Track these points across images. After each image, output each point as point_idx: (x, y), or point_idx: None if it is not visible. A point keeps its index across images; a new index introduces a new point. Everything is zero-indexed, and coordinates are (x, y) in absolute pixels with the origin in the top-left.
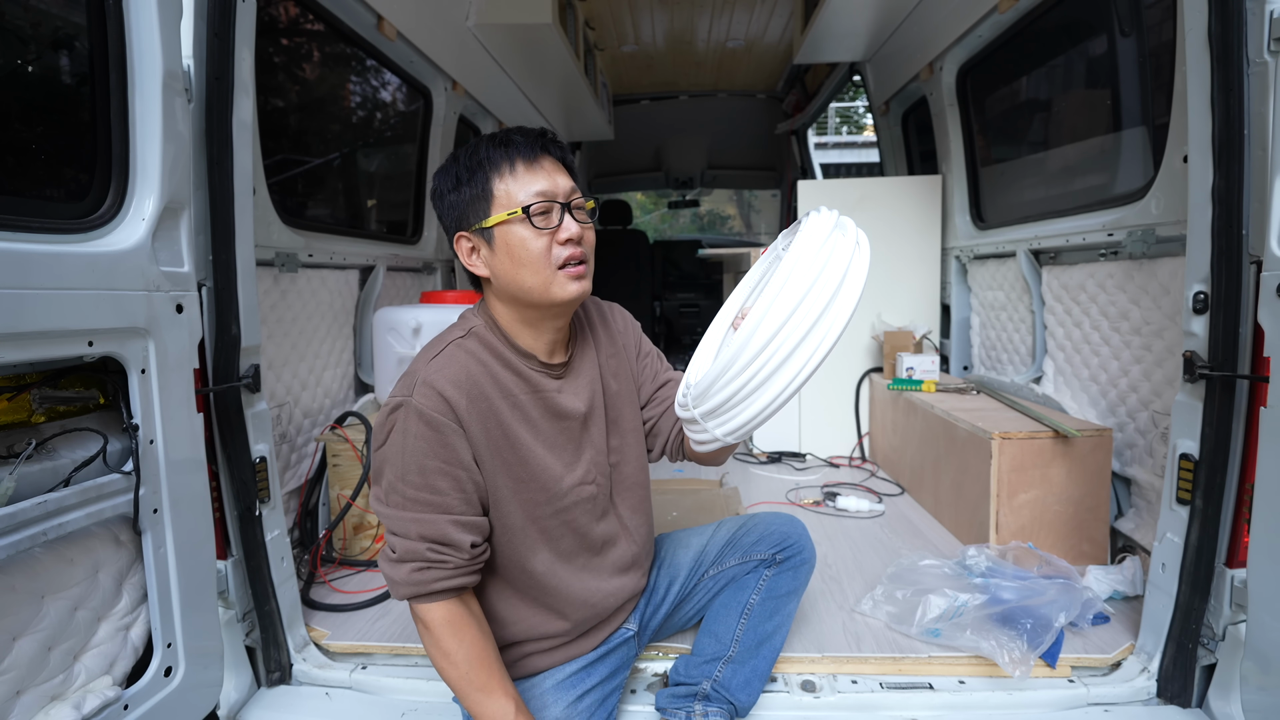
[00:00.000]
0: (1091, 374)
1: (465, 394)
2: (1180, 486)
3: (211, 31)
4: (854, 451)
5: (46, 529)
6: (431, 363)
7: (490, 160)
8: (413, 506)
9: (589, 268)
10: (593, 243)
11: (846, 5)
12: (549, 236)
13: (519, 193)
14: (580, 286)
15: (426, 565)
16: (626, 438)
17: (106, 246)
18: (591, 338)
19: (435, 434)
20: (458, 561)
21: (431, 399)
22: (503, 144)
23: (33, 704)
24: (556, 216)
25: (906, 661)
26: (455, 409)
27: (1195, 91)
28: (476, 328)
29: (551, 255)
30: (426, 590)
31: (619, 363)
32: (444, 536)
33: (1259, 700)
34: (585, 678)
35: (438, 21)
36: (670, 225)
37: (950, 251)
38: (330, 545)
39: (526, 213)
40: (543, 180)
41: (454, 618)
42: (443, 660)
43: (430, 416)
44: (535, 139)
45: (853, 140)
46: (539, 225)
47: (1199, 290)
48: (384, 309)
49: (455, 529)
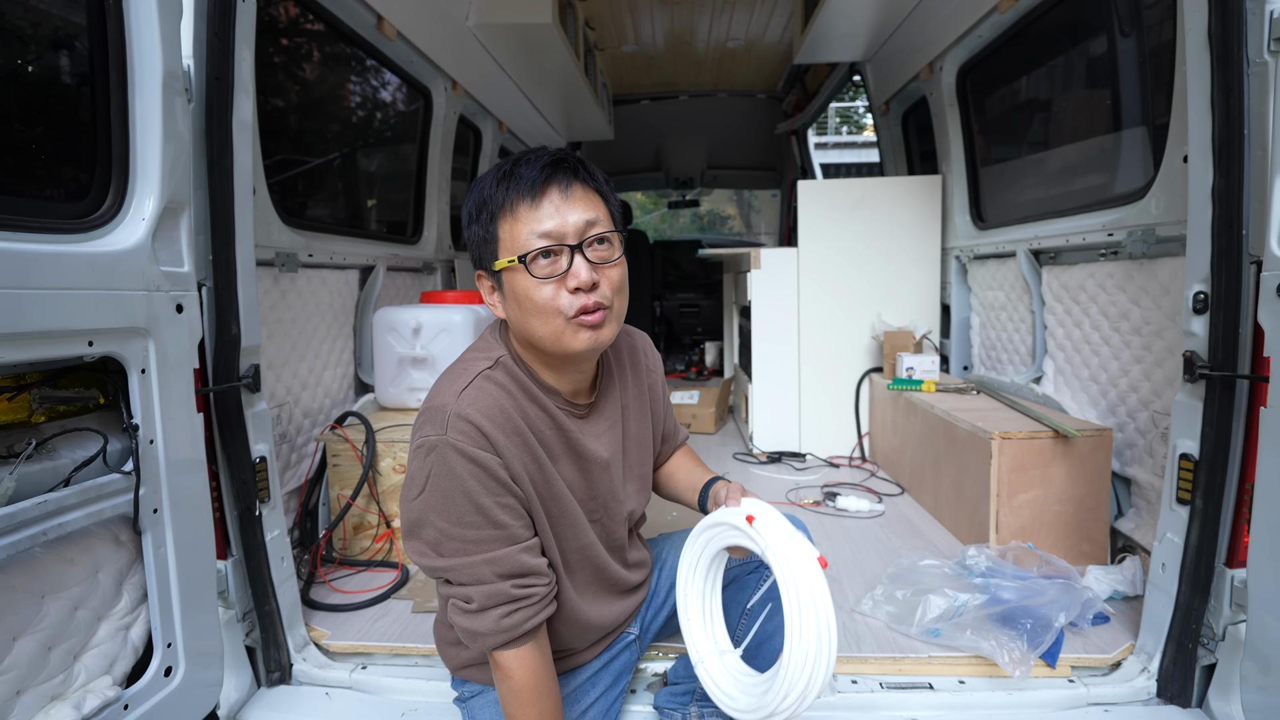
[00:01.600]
0: (1091, 374)
1: (501, 429)
2: (1180, 486)
3: (211, 31)
4: (854, 451)
5: (46, 529)
6: (462, 395)
7: (493, 199)
8: (480, 549)
9: (613, 312)
10: (617, 281)
11: (846, 5)
12: (556, 284)
13: (520, 236)
14: (594, 337)
15: (515, 606)
16: (643, 481)
17: (106, 246)
18: (618, 377)
19: (483, 470)
20: (543, 590)
21: (470, 434)
22: (505, 178)
23: (33, 704)
24: (565, 260)
25: (906, 661)
26: (493, 441)
27: (1195, 91)
28: (503, 359)
29: (560, 304)
30: (521, 632)
31: (641, 405)
32: (524, 567)
33: (1259, 700)
34: (590, 689)
35: (438, 21)
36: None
37: (950, 251)
38: (330, 545)
39: (523, 261)
40: (548, 219)
41: (539, 670)
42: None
43: (470, 451)
44: (541, 168)
45: (853, 140)
46: (539, 275)
47: (1199, 290)
48: (384, 309)
49: (529, 555)
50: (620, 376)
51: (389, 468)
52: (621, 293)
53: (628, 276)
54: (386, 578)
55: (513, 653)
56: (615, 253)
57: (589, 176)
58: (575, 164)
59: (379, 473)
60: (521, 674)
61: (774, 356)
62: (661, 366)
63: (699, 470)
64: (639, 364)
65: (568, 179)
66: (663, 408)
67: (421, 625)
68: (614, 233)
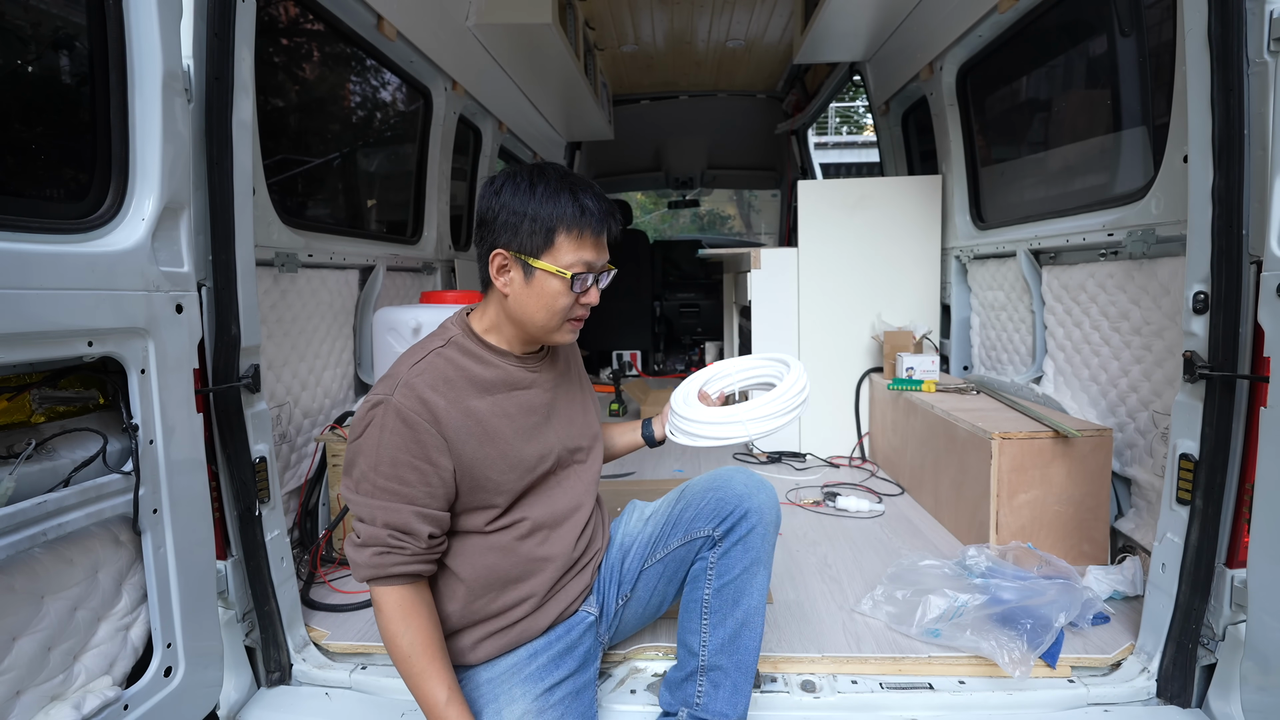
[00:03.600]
0: (1091, 374)
1: (443, 396)
2: (1180, 486)
3: (211, 31)
4: (854, 451)
5: (46, 529)
6: (414, 367)
7: (565, 215)
8: (381, 495)
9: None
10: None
11: (846, 5)
12: (575, 297)
13: (573, 256)
14: (573, 337)
15: (386, 550)
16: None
17: (106, 246)
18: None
19: (410, 431)
20: (414, 549)
21: (411, 400)
22: (578, 205)
23: (33, 704)
24: (589, 283)
25: (906, 662)
26: (434, 410)
27: (1195, 91)
28: (455, 337)
29: (566, 309)
30: (384, 573)
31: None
32: (405, 525)
33: (1259, 700)
34: (553, 669)
35: (438, 21)
36: (670, 225)
37: (950, 251)
38: (330, 545)
39: (572, 279)
40: (592, 253)
41: (405, 603)
42: (390, 641)
43: (407, 415)
44: (606, 217)
45: (853, 140)
46: (574, 289)
47: (1199, 290)
48: (384, 309)
49: (416, 519)
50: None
51: None
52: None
53: None
54: None
55: (384, 589)
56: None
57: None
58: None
59: None
60: (389, 604)
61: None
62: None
63: (624, 423)
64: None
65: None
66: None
67: None
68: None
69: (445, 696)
